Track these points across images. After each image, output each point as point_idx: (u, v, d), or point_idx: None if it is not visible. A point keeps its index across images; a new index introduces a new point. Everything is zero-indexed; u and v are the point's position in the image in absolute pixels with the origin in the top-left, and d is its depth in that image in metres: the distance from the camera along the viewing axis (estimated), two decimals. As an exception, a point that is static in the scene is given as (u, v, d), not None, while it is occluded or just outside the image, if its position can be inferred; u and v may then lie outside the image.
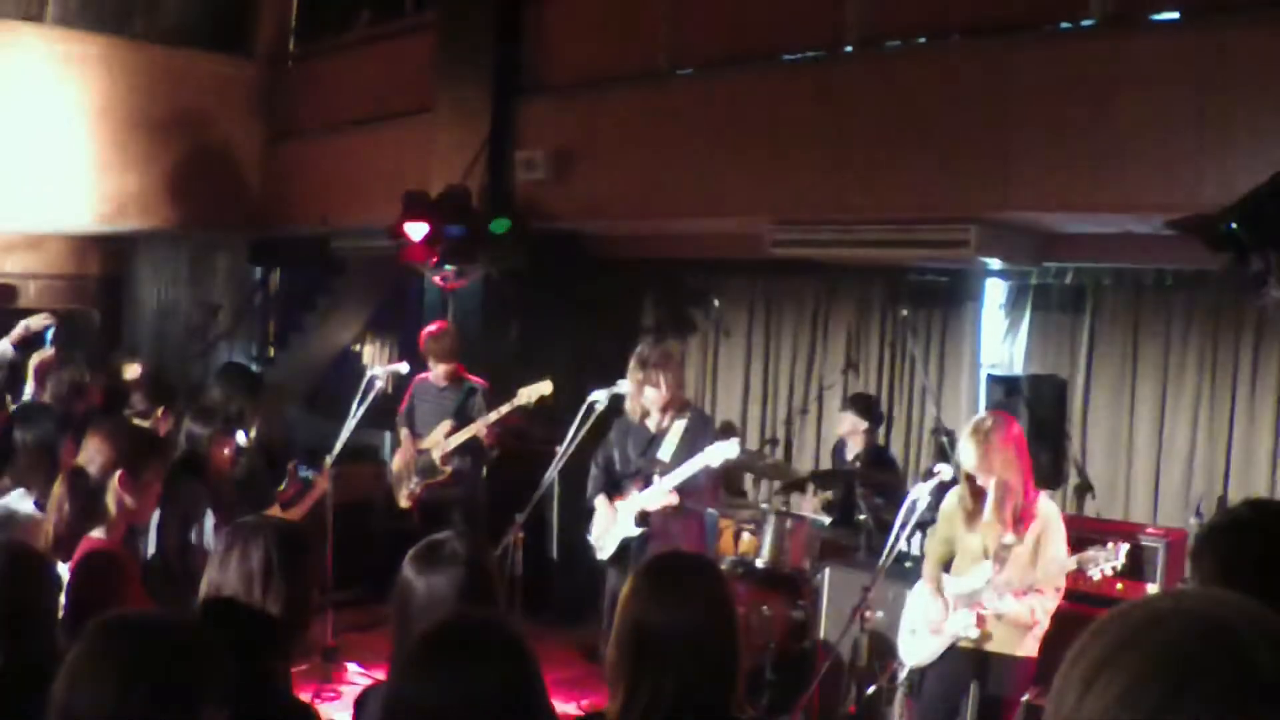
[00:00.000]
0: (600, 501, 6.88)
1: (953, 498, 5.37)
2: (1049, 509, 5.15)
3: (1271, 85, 5.64)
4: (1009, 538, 5.07)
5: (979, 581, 5.14)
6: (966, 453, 5.11)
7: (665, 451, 6.64)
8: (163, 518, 4.71)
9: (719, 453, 6.36)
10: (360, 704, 3.15)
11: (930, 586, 5.41)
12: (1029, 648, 5.11)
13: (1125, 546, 4.82)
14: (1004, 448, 5.05)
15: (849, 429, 7.86)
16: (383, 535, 8.85)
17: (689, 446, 6.53)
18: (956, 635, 5.20)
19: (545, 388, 7.60)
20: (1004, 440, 5.06)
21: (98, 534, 3.75)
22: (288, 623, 2.99)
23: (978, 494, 5.16)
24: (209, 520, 4.93)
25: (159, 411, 5.45)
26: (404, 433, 8.24)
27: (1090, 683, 1.07)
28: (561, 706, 3.07)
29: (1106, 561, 4.79)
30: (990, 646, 5.16)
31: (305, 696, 6.54)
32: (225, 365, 8.11)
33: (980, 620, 5.12)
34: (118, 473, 3.81)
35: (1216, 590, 1.13)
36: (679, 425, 6.67)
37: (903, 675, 5.59)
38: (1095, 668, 1.07)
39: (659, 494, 6.53)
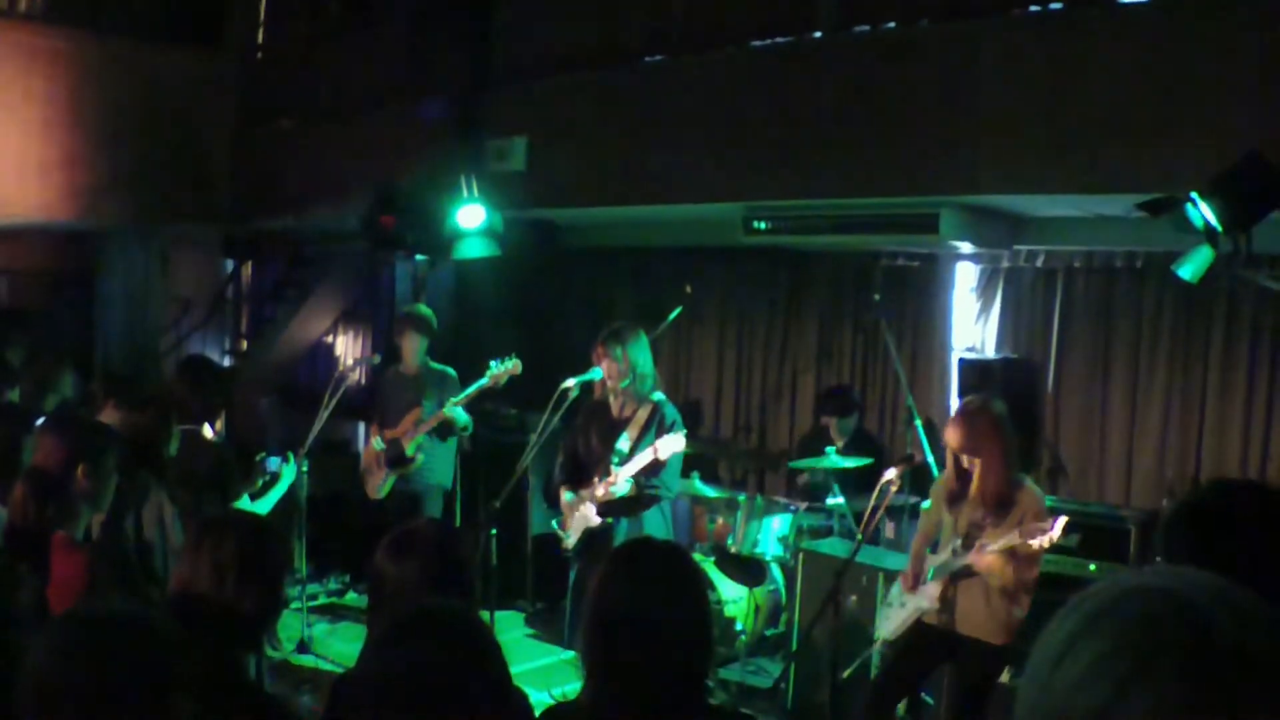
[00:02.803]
0: (565, 490, 6.84)
1: (941, 479, 5.46)
2: (1030, 498, 5.10)
3: (1239, 67, 5.66)
4: (981, 518, 5.12)
5: (946, 555, 5.19)
6: (951, 434, 5.18)
7: (625, 441, 6.59)
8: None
9: (667, 446, 6.34)
10: (336, 692, 3.15)
11: (911, 560, 5.51)
12: (1001, 636, 5.11)
13: (1063, 519, 4.82)
14: (987, 429, 5.11)
15: (836, 429, 7.92)
16: (356, 527, 8.83)
17: (649, 437, 6.50)
18: (920, 608, 5.29)
19: (514, 367, 7.54)
20: (987, 422, 5.11)
21: (65, 532, 3.71)
22: (258, 616, 3.00)
23: (962, 475, 5.22)
24: (169, 515, 4.87)
25: (107, 403, 5.35)
26: (374, 425, 8.21)
27: (1063, 655, 1.12)
28: (534, 695, 3.07)
29: (1044, 533, 4.79)
30: (962, 629, 5.19)
31: (279, 689, 6.56)
32: (188, 358, 7.98)
33: (944, 592, 5.18)
34: (80, 467, 3.78)
35: (1181, 567, 1.18)
36: (642, 414, 6.62)
37: (875, 652, 5.64)
38: (1068, 641, 1.13)
39: (616, 484, 6.50)
